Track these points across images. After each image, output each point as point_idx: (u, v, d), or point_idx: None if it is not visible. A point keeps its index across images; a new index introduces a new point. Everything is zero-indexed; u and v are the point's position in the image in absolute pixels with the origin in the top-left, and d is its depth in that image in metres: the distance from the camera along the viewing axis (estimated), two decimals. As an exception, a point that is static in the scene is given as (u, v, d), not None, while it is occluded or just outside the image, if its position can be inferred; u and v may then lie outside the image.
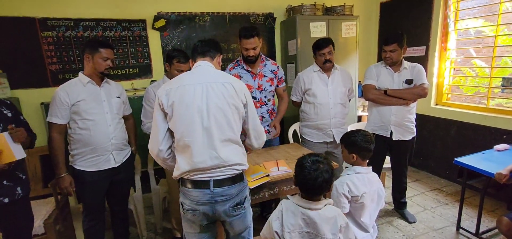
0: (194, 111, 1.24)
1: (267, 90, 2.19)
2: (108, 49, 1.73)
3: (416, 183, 3.16)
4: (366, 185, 1.47)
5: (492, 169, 1.91)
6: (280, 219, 1.22)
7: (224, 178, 1.29)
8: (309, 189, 1.18)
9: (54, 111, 1.66)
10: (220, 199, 1.30)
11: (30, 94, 2.62)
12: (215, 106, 1.26)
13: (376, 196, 1.52)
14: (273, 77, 2.21)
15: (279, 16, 3.45)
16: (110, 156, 1.77)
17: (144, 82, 3.00)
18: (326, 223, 1.16)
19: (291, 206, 1.23)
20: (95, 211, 1.85)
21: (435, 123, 3.24)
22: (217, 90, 1.27)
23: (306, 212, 1.18)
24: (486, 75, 2.96)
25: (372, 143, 1.52)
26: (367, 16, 3.87)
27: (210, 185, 1.27)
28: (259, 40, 2.05)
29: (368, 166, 1.56)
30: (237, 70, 2.17)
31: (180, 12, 3.04)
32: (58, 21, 2.64)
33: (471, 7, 3.03)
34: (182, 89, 1.26)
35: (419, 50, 3.34)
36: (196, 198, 1.29)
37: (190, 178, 1.29)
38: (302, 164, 1.20)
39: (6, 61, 2.50)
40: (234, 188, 1.32)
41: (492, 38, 2.80)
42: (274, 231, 1.22)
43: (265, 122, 2.23)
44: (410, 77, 2.20)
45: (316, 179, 1.15)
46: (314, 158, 1.20)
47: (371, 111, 2.38)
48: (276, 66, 2.24)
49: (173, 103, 1.25)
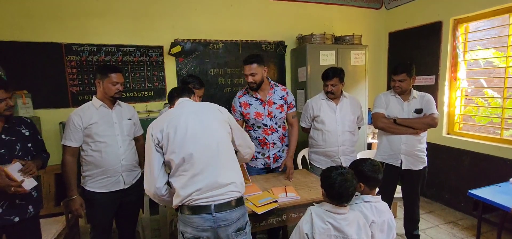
0: (192, 137, 1.31)
1: (277, 117, 2.20)
2: (118, 73, 1.79)
3: (430, 214, 3.06)
4: (375, 214, 1.44)
5: (508, 202, 1.84)
6: (310, 222, 1.31)
7: (225, 201, 1.31)
8: (341, 197, 1.30)
9: (67, 135, 1.72)
10: (223, 223, 1.30)
11: (50, 114, 2.75)
12: (208, 128, 1.36)
13: (386, 226, 1.48)
14: (283, 103, 2.22)
15: (290, 44, 3.57)
16: (120, 177, 1.81)
17: (158, 104, 3.11)
18: (351, 225, 1.29)
19: (320, 212, 1.33)
20: (103, 232, 1.86)
21: (448, 152, 3.18)
22: (206, 113, 1.40)
23: (334, 217, 1.30)
24: (498, 105, 2.93)
25: (380, 173, 1.50)
26: (376, 45, 3.96)
27: (212, 209, 1.28)
28: (260, 67, 2.06)
29: (377, 195, 1.54)
30: (246, 98, 2.19)
31: (195, 39, 3.20)
32: (82, 46, 2.82)
33: (481, 38, 3.07)
34: (175, 120, 1.34)
35: (429, 79, 3.35)
36: (198, 224, 1.29)
37: (190, 204, 1.29)
38: (330, 176, 1.31)
39: (31, 83, 2.67)
40: (235, 212, 1.33)
41: (503, 68, 2.80)
42: (305, 233, 1.30)
43: (276, 148, 2.22)
44: (419, 107, 2.20)
45: (348, 188, 1.28)
46: (341, 169, 1.33)
47: (380, 139, 2.37)
48: (286, 91, 2.23)
49: (168, 134, 1.31)
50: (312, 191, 1.86)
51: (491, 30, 3.02)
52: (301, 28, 3.48)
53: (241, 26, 3.35)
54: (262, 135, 2.17)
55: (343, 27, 3.68)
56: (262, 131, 2.17)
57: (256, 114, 2.15)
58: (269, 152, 2.19)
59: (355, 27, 3.72)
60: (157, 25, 3.05)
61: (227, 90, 3.37)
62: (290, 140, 2.27)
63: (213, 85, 3.30)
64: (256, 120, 2.15)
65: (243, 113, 2.18)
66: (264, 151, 2.20)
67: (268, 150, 2.19)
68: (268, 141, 2.17)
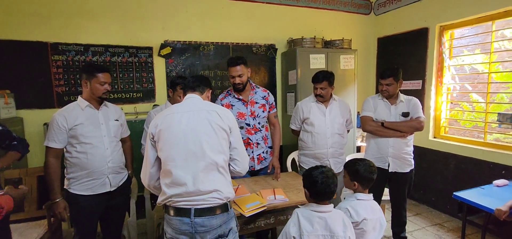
0: (178, 136, 1.29)
1: (260, 116, 2.22)
2: (105, 73, 1.74)
3: (417, 217, 3.10)
4: (368, 212, 1.48)
5: (491, 204, 1.89)
6: (297, 225, 1.32)
7: (206, 207, 1.27)
8: (324, 195, 1.34)
9: (51, 136, 1.66)
10: (201, 229, 1.27)
11: (34, 114, 2.67)
12: (200, 131, 1.31)
13: (378, 224, 1.52)
14: (265, 103, 2.25)
15: (280, 48, 3.59)
16: (106, 179, 1.76)
17: (147, 106, 3.06)
18: (337, 223, 1.33)
19: (305, 213, 1.34)
20: (88, 236, 1.80)
21: (434, 155, 3.24)
22: (202, 117, 1.34)
23: (320, 215, 1.33)
24: (482, 110, 3.01)
25: (375, 174, 1.56)
26: (365, 50, 4.02)
27: (191, 213, 1.26)
28: (246, 68, 2.12)
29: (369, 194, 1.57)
30: (228, 99, 2.21)
31: (186, 41, 3.18)
32: (69, 46, 2.76)
33: (465, 44, 3.16)
34: (170, 117, 1.33)
35: (415, 84, 3.42)
36: (176, 226, 1.28)
37: (172, 205, 1.29)
38: (312, 175, 1.35)
39: (15, 82, 2.59)
40: (216, 219, 1.29)
41: (486, 74, 2.89)
42: (292, 237, 1.31)
43: (260, 148, 2.23)
44: (406, 110, 2.25)
45: (330, 185, 1.33)
46: (322, 168, 1.37)
47: (369, 142, 2.40)
48: (267, 92, 2.29)
49: (160, 131, 1.31)
50: (301, 193, 1.86)
51: (475, 37, 3.11)
52: (292, 31, 3.51)
53: (232, 29, 3.35)
54: (245, 135, 2.16)
55: (333, 32, 3.73)
56: (245, 131, 2.17)
57: (239, 114, 2.16)
58: (253, 152, 2.19)
59: (345, 32, 3.78)
60: (147, 25, 3.02)
61: (218, 93, 3.33)
62: (273, 140, 2.31)
63: (204, 87, 3.28)
64: (239, 120, 2.15)
65: None
66: (248, 152, 2.19)
67: (252, 151, 2.18)
68: (252, 141, 2.18)
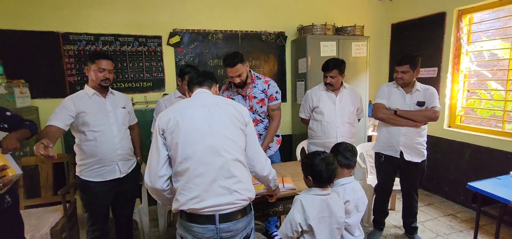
0: (196, 132, 1.20)
1: (258, 111, 2.16)
2: (106, 60, 1.73)
3: (429, 207, 3.05)
4: (350, 193, 1.54)
5: (508, 195, 1.82)
6: (301, 212, 1.36)
7: (232, 211, 1.19)
8: (326, 179, 1.39)
9: (54, 115, 1.63)
10: (226, 235, 1.20)
11: (48, 103, 2.73)
12: (218, 125, 1.22)
13: (361, 203, 1.57)
14: (264, 98, 2.15)
15: (290, 35, 3.52)
16: (115, 166, 1.80)
17: (157, 95, 3.09)
18: (336, 204, 1.41)
19: (309, 198, 1.39)
20: (100, 221, 1.86)
21: (448, 145, 3.15)
22: (219, 110, 1.25)
23: (323, 198, 1.39)
24: (501, 98, 2.89)
25: (355, 155, 1.61)
26: (378, 37, 3.90)
27: (216, 220, 1.17)
28: (243, 66, 2.00)
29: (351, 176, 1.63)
30: (229, 92, 2.18)
31: (195, 30, 3.16)
32: (79, 36, 2.79)
33: (485, 30, 3.01)
34: (182, 113, 1.23)
35: (431, 71, 3.30)
36: (199, 234, 1.18)
37: (192, 212, 1.18)
38: (314, 162, 1.39)
39: (29, 72, 2.65)
40: (242, 222, 1.23)
41: (507, 60, 2.75)
42: (298, 223, 1.35)
43: (262, 139, 2.19)
44: (422, 100, 2.17)
45: (334, 170, 1.39)
46: (323, 155, 1.42)
47: (380, 130, 2.35)
48: (267, 84, 2.15)
49: (174, 127, 1.20)
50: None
51: (496, 22, 2.95)
52: (302, 18, 3.43)
53: (241, 17, 3.30)
54: None
55: (345, 18, 3.62)
56: None
57: None
58: None
59: (357, 18, 3.66)
60: (156, 14, 3.01)
61: (227, 82, 3.34)
62: (268, 130, 2.19)
63: (212, 76, 3.27)
64: None
65: None
66: None
67: None
68: None
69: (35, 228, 1.90)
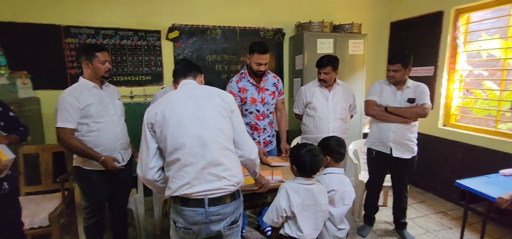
0: (185, 124, 1.23)
1: (269, 103, 2.24)
2: (104, 52, 1.79)
3: (421, 204, 3.08)
4: (337, 184, 1.58)
5: (495, 193, 1.85)
6: (286, 198, 1.44)
7: (221, 195, 1.25)
8: (310, 170, 1.46)
9: (65, 117, 1.68)
10: (215, 218, 1.26)
11: (50, 95, 2.81)
12: (206, 116, 1.26)
13: (347, 196, 1.60)
14: (275, 90, 2.28)
15: (288, 32, 3.55)
16: (118, 155, 1.86)
17: (155, 89, 3.14)
18: (320, 193, 1.47)
19: (294, 186, 1.46)
20: (98, 209, 1.93)
21: (443, 144, 3.17)
22: (206, 101, 1.29)
23: (307, 187, 1.45)
24: (496, 98, 2.90)
25: (343, 148, 1.65)
26: (376, 35, 3.91)
27: (205, 203, 1.23)
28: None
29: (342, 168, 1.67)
30: (243, 83, 2.19)
31: (193, 25, 3.21)
32: (80, 29, 2.86)
33: (482, 29, 3.01)
34: (170, 105, 1.26)
35: (427, 70, 3.32)
36: (190, 217, 1.24)
37: (184, 196, 1.23)
38: (300, 153, 1.46)
39: (31, 64, 2.72)
40: (230, 206, 1.29)
41: (502, 60, 2.76)
42: (283, 209, 1.43)
43: (266, 133, 2.28)
44: (412, 96, 2.20)
45: (318, 162, 1.46)
46: (309, 146, 1.48)
47: (371, 127, 2.39)
48: (277, 79, 2.32)
49: (162, 121, 1.24)
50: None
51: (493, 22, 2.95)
52: (300, 15, 3.46)
53: (240, 13, 3.34)
54: (253, 120, 2.21)
55: (343, 16, 3.64)
56: (254, 116, 2.21)
57: (251, 99, 2.19)
58: (259, 137, 2.24)
59: (356, 15, 3.68)
60: (155, 9, 3.06)
61: (224, 77, 3.39)
62: (280, 126, 2.34)
63: (210, 71, 3.32)
64: (250, 105, 2.19)
65: (242, 98, 2.20)
66: (254, 136, 2.24)
67: (258, 135, 2.23)
68: (259, 126, 2.22)
69: (35, 213, 1.98)
